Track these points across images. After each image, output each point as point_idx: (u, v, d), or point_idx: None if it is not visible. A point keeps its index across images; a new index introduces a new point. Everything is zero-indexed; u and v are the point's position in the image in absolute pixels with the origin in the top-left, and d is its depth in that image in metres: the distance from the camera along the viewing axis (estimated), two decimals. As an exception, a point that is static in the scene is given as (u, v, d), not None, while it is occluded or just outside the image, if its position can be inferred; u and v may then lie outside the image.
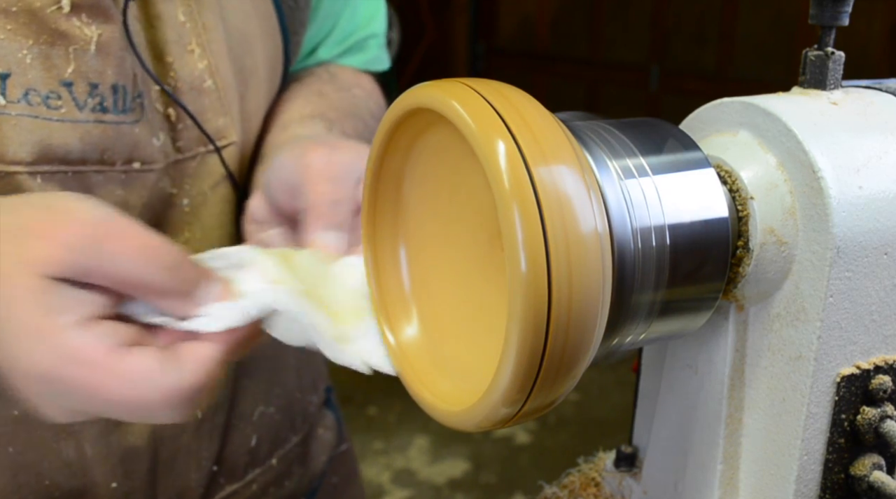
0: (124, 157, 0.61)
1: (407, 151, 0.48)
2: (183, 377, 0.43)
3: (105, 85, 0.59)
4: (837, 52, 0.50)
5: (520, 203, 0.37)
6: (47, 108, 0.57)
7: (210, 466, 0.74)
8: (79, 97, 0.58)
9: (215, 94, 0.67)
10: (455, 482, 2.69)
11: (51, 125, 0.57)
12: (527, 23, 4.30)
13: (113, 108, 0.60)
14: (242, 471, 0.77)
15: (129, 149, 0.61)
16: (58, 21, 0.56)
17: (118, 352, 0.42)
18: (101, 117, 0.59)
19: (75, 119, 0.58)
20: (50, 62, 0.57)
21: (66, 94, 0.58)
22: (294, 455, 0.83)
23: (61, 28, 0.57)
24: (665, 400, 0.56)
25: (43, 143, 0.57)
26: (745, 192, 0.47)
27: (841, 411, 0.48)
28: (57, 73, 0.57)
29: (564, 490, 0.65)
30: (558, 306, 0.37)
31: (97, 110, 0.59)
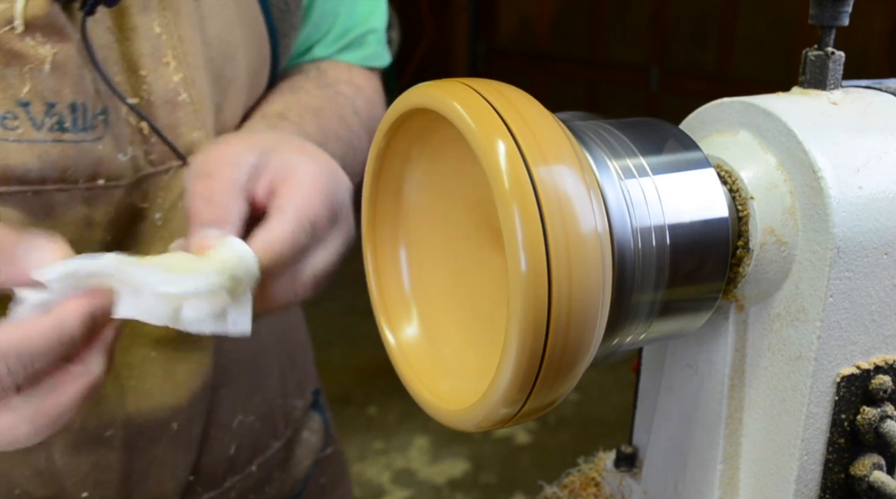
0: (87, 174, 0.60)
1: (407, 151, 0.48)
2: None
3: (63, 104, 0.58)
4: (837, 52, 0.50)
5: (520, 203, 0.37)
6: (3, 129, 0.57)
7: (186, 475, 0.73)
8: (35, 117, 0.58)
9: (190, 108, 0.66)
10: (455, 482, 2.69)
11: (8, 146, 0.57)
12: (527, 23, 4.30)
13: (72, 127, 0.59)
14: (220, 479, 0.76)
15: (91, 166, 0.60)
16: (11, 41, 0.56)
17: None
18: (60, 136, 0.59)
19: (32, 139, 0.58)
20: (5, 82, 0.56)
21: (23, 114, 0.57)
22: (276, 461, 0.82)
23: (15, 48, 0.56)
24: (665, 400, 0.56)
25: (0, 163, 0.57)
26: (745, 192, 0.47)
27: (841, 411, 0.48)
28: (13, 93, 0.57)
29: (564, 490, 0.65)
30: (558, 306, 0.37)
31: (55, 129, 0.58)
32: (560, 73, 4.22)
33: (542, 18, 4.23)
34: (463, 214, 0.48)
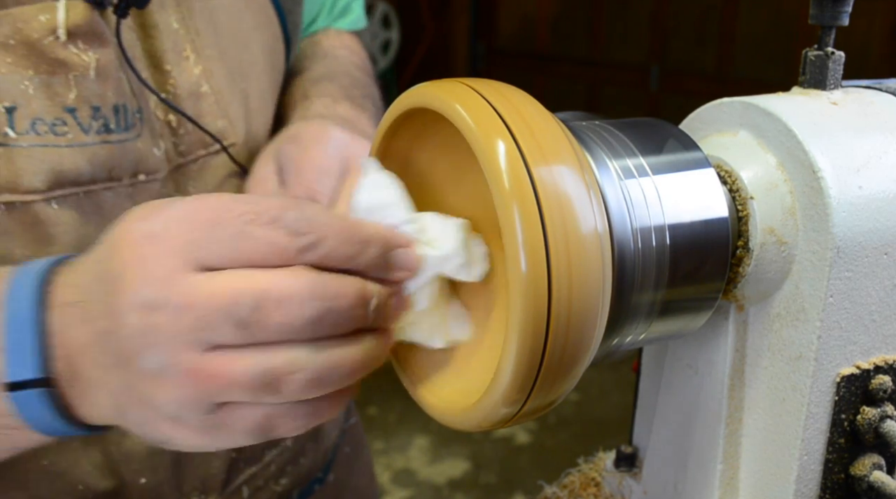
0: (130, 171, 0.63)
1: (407, 150, 0.48)
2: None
3: (107, 107, 0.60)
4: (837, 52, 0.50)
5: (520, 203, 0.37)
6: (55, 136, 0.58)
7: (229, 453, 0.75)
8: (83, 121, 0.59)
9: (212, 98, 0.69)
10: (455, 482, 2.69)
11: (60, 152, 0.59)
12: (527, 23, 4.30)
13: (116, 128, 0.61)
14: (260, 454, 0.79)
15: (133, 163, 0.63)
16: (56, 50, 0.57)
17: None
18: (107, 138, 0.61)
19: (83, 143, 0.60)
20: (52, 90, 0.58)
21: (71, 120, 0.59)
22: (308, 433, 0.85)
23: (60, 57, 0.58)
24: (665, 400, 0.56)
25: (55, 170, 0.58)
26: (745, 192, 0.47)
27: (841, 411, 0.48)
28: (60, 100, 0.58)
29: (564, 490, 0.65)
30: (558, 306, 0.37)
31: (102, 132, 0.60)
32: (560, 73, 4.22)
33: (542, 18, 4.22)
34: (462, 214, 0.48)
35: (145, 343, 0.39)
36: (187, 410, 0.40)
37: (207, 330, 0.38)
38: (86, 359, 0.42)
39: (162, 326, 0.38)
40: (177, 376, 0.39)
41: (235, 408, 0.40)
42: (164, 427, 0.41)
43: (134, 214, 0.42)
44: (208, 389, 0.39)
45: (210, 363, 0.39)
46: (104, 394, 0.43)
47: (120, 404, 0.42)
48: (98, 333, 0.41)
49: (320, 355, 0.39)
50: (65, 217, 0.60)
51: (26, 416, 0.44)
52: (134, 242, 0.40)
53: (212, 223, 0.39)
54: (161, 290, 0.39)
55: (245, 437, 0.41)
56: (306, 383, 0.39)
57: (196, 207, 0.40)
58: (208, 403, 0.40)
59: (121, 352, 0.40)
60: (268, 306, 0.38)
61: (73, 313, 0.43)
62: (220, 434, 0.41)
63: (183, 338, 0.38)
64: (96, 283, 0.42)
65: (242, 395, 0.39)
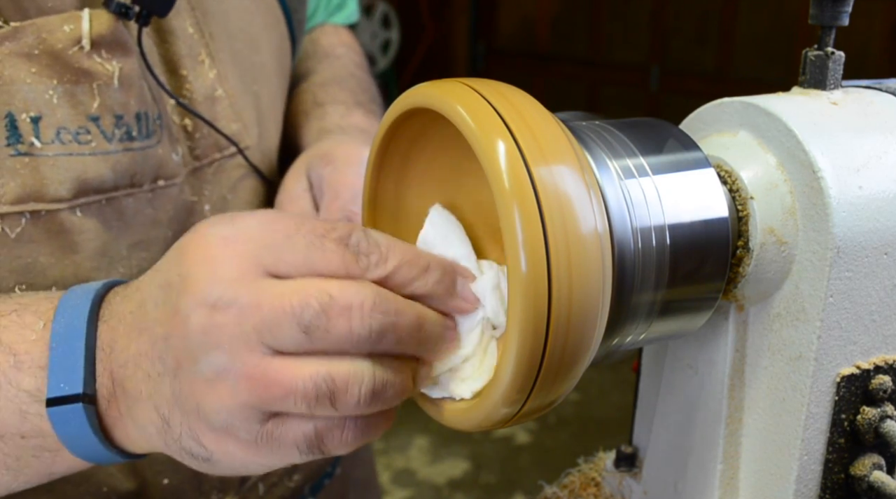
0: (151, 177, 0.63)
1: (407, 150, 0.48)
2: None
3: (129, 115, 0.61)
4: (837, 52, 0.50)
5: (520, 203, 0.37)
6: (79, 144, 0.59)
7: None
8: (106, 130, 0.60)
9: (226, 102, 0.70)
10: (455, 482, 2.69)
11: (84, 160, 0.59)
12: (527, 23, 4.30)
13: (139, 135, 0.62)
14: None
15: (154, 169, 0.63)
16: (80, 60, 0.58)
17: None
18: (129, 145, 0.61)
19: (106, 151, 0.60)
20: (76, 99, 0.58)
21: (95, 129, 0.59)
22: None
23: (84, 66, 0.58)
24: (665, 400, 0.56)
25: (80, 178, 0.59)
26: (745, 192, 0.47)
27: (841, 411, 0.48)
28: (83, 109, 0.59)
29: (564, 490, 0.65)
30: (558, 306, 0.37)
31: (125, 140, 0.61)
32: (560, 73, 4.22)
33: (542, 18, 4.23)
34: (462, 214, 0.48)
35: (207, 343, 0.39)
36: (239, 418, 0.40)
37: (273, 331, 0.38)
38: (135, 371, 0.43)
39: (227, 325, 0.39)
40: (235, 380, 0.39)
41: (286, 420, 0.40)
42: (208, 440, 0.41)
43: (207, 222, 0.42)
44: (265, 395, 0.39)
45: (271, 367, 0.39)
46: (147, 409, 0.43)
47: (164, 418, 0.42)
48: (154, 339, 0.41)
49: (378, 370, 0.40)
50: (88, 225, 0.60)
51: (63, 434, 0.44)
52: (206, 245, 0.41)
53: (285, 233, 0.40)
54: (229, 289, 0.39)
55: (292, 452, 0.41)
56: (364, 396, 0.39)
57: (270, 219, 0.41)
58: (262, 411, 0.39)
59: (177, 356, 0.40)
60: (334, 313, 0.38)
61: (128, 323, 0.43)
62: (268, 448, 0.41)
63: (246, 339, 0.38)
64: (158, 289, 0.42)
65: (298, 404, 0.39)
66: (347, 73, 0.90)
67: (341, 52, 0.94)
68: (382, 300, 0.40)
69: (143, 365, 0.42)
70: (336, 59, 0.92)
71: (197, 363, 0.39)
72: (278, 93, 0.79)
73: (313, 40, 0.95)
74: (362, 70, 0.94)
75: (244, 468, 0.43)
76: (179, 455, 0.43)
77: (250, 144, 0.72)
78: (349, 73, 0.91)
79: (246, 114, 0.72)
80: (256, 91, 0.74)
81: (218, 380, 0.39)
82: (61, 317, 0.45)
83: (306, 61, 0.92)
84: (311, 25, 0.95)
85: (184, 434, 0.42)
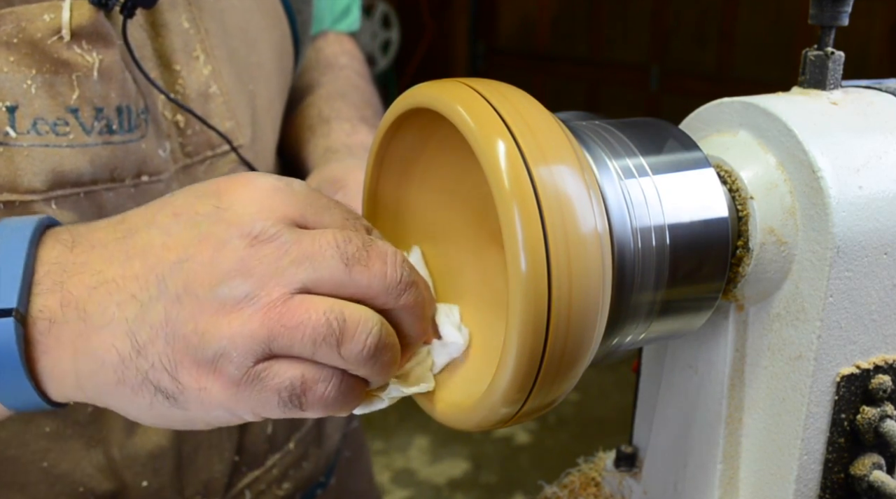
0: (133, 172, 0.62)
1: (407, 150, 0.48)
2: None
3: (110, 107, 0.60)
4: (837, 52, 0.50)
5: (520, 203, 0.37)
6: (56, 136, 0.58)
7: (232, 456, 0.75)
8: (85, 122, 0.59)
9: (221, 99, 0.69)
10: (455, 482, 2.69)
11: (61, 152, 0.58)
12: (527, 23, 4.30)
13: (119, 129, 0.61)
14: (263, 457, 0.79)
15: (137, 164, 0.63)
16: (59, 50, 0.57)
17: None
18: (109, 139, 0.60)
19: (84, 143, 0.59)
20: (54, 90, 0.58)
21: (73, 121, 0.59)
22: (310, 437, 0.85)
23: (63, 57, 0.57)
24: (665, 400, 0.56)
25: (55, 170, 0.58)
26: (744, 191, 0.47)
27: (841, 411, 0.48)
28: (62, 100, 0.58)
29: (564, 490, 0.65)
30: (558, 306, 0.37)
31: (104, 132, 0.60)
32: (560, 73, 4.22)
33: (542, 18, 4.23)
34: (463, 214, 0.48)
35: (237, 270, 0.39)
36: (239, 349, 0.39)
37: (314, 261, 0.40)
38: (109, 294, 0.41)
39: (265, 257, 0.39)
40: (253, 308, 0.39)
41: (278, 362, 0.40)
42: (187, 373, 0.40)
43: (250, 173, 0.43)
44: (277, 326, 0.39)
45: (291, 302, 0.39)
46: (114, 334, 0.41)
47: (137, 344, 0.40)
48: (155, 263, 0.41)
49: (385, 328, 0.41)
50: (64, 218, 0.59)
51: None
52: (254, 187, 0.42)
53: (326, 203, 0.43)
54: (274, 225, 0.40)
55: (271, 399, 0.40)
56: (368, 346, 0.40)
57: (312, 188, 0.44)
58: (264, 346, 0.39)
59: (189, 280, 0.40)
60: (373, 252, 0.41)
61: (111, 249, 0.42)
62: (248, 390, 0.40)
63: (280, 273, 0.39)
64: (171, 218, 0.42)
65: (305, 340, 0.39)
66: (351, 86, 0.90)
67: (344, 62, 0.94)
68: (411, 266, 0.43)
69: (129, 288, 0.41)
70: (340, 70, 0.92)
71: (214, 288, 0.39)
72: (276, 93, 0.79)
73: (317, 49, 0.94)
74: (365, 80, 0.94)
75: (207, 415, 0.42)
76: (137, 391, 0.41)
77: (243, 143, 0.71)
78: (353, 85, 0.91)
79: (240, 112, 0.71)
80: (252, 90, 0.74)
81: (233, 307, 0.39)
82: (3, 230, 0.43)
83: (310, 72, 0.92)
84: (316, 31, 0.95)
85: (158, 364, 0.41)
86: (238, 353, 0.39)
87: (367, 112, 0.87)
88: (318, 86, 0.90)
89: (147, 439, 0.68)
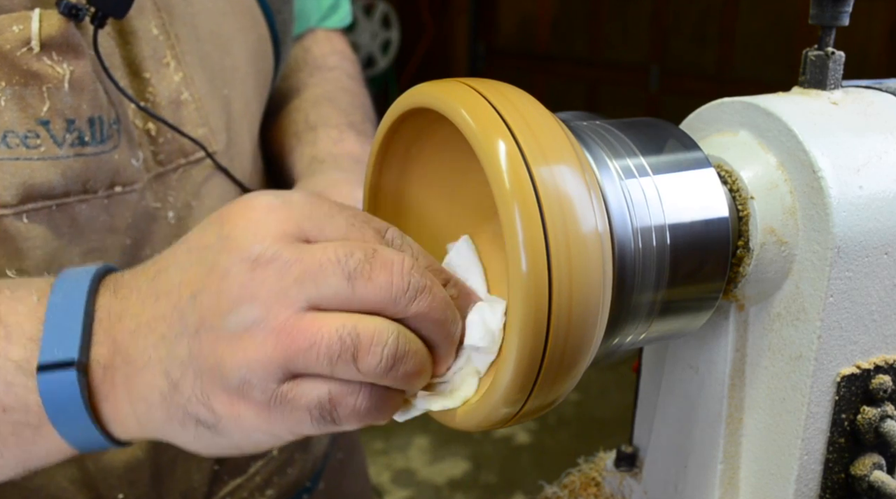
0: (106, 183, 0.61)
1: (407, 150, 0.48)
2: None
3: (81, 119, 0.59)
4: (837, 52, 0.50)
5: (520, 203, 0.37)
6: (27, 149, 0.57)
7: (211, 465, 0.74)
8: (56, 134, 0.58)
9: (193, 106, 0.68)
10: (455, 482, 2.69)
11: (32, 165, 0.57)
12: (527, 23, 4.30)
13: (92, 141, 0.60)
14: (245, 465, 0.77)
15: (110, 175, 0.61)
16: (29, 62, 0.56)
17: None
18: (81, 151, 0.59)
19: (55, 156, 0.58)
20: (25, 102, 0.57)
21: (44, 133, 0.58)
22: (295, 443, 0.83)
23: (33, 68, 0.56)
24: (665, 400, 0.56)
25: (26, 184, 0.57)
26: (745, 191, 0.47)
27: (841, 411, 0.48)
28: (33, 112, 0.57)
29: (564, 490, 0.65)
30: (558, 306, 0.37)
31: (76, 145, 0.59)
32: (560, 73, 4.22)
33: (542, 18, 4.22)
34: (464, 214, 0.48)
35: (242, 297, 0.39)
36: (259, 374, 0.39)
37: (316, 279, 0.39)
38: (146, 336, 0.42)
39: (267, 279, 0.39)
40: (265, 334, 0.39)
41: (303, 381, 0.40)
42: (219, 402, 0.41)
43: (250, 194, 0.43)
44: (291, 347, 0.39)
45: (301, 321, 0.39)
46: (154, 374, 0.42)
47: (173, 381, 0.41)
48: (177, 301, 0.41)
49: (401, 337, 0.40)
50: (36, 231, 0.59)
51: (50, 404, 0.43)
52: (251, 209, 0.41)
53: (328, 211, 0.42)
54: (271, 246, 0.40)
55: (304, 417, 0.41)
56: (385, 358, 0.40)
57: (314, 197, 0.43)
58: (283, 368, 0.39)
59: (202, 314, 0.40)
60: (377, 263, 0.40)
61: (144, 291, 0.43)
62: (280, 412, 0.40)
63: (284, 293, 0.39)
64: (186, 254, 0.42)
65: (321, 359, 0.39)
66: (340, 89, 0.88)
67: (334, 62, 0.92)
68: (420, 268, 0.41)
69: (159, 328, 0.42)
70: (329, 72, 0.90)
71: (225, 318, 0.39)
72: (253, 96, 0.77)
73: (305, 49, 0.92)
74: (355, 81, 0.92)
75: (249, 439, 0.42)
76: (183, 424, 0.43)
77: (218, 149, 0.70)
78: (342, 87, 0.89)
79: (214, 118, 0.70)
80: (227, 95, 0.72)
81: (245, 334, 0.39)
82: (59, 290, 0.45)
83: (298, 73, 0.90)
84: (303, 28, 0.92)
85: (193, 398, 0.41)
86: (258, 378, 0.39)
87: (356, 117, 0.85)
88: (305, 88, 0.88)
89: (122, 451, 0.67)
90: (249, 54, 0.76)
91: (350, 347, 0.39)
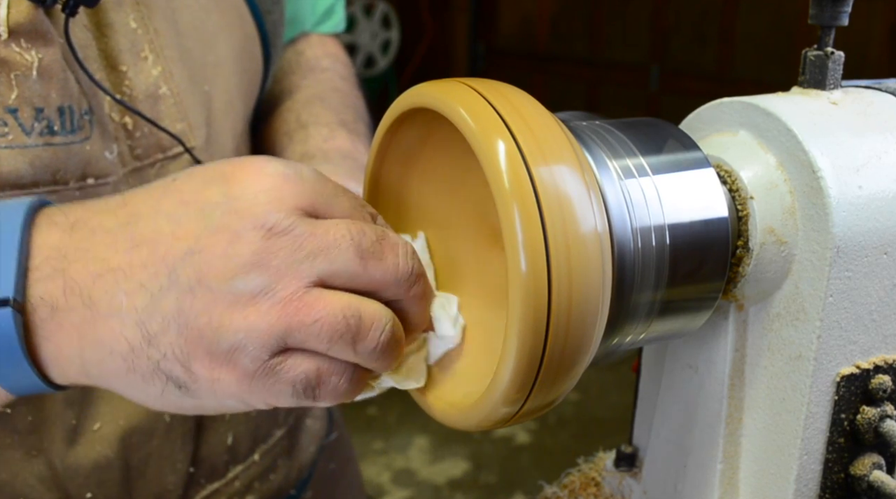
0: (77, 175, 0.61)
1: (407, 150, 0.48)
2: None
3: (50, 108, 0.58)
4: (837, 52, 0.50)
5: (520, 203, 0.37)
6: None
7: (186, 468, 0.73)
8: (25, 123, 0.57)
9: (171, 100, 0.67)
10: (455, 482, 2.69)
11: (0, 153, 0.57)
12: (527, 23, 4.30)
13: (61, 130, 0.59)
14: (223, 469, 0.76)
15: (81, 166, 0.61)
16: None
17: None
18: (50, 140, 0.58)
19: (24, 144, 0.57)
20: None
21: (12, 121, 0.57)
22: (279, 449, 0.83)
23: (1, 55, 0.56)
24: (665, 400, 0.56)
25: None
26: (744, 191, 0.47)
27: (841, 411, 0.48)
28: (1, 100, 0.56)
29: (564, 490, 0.65)
30: (558, 306, 0.37)
31: (45, 134, 0.58)
32: (560, 73, 4.22)
33: (542, 18, 4.22)
34: (463, 214, 0.48)
35: (253, 263, 0.39)
36: (255, 343, 0.39)
37: (329, 254, 0.40)
38: (116, 283, 0.40)
39: (281, 249, 0.39)
40: (270, 302, 0.39)
41: (294, 355, 0.40)
42: (200, 364, 0.40)
43: (258, 157, 0.43)
44: (294, 320, 0.39)
45: (308, 295, 0.39)
46: (122, 324, 0.40)
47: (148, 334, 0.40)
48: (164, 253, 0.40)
49: (396, 323, 0.42)
50: None
51: None
52: (265, 175, 0.41)
53: (334, 190, 0.43)
54: (288, 217, 0.40)
55: (285, 391, 0.41)
56: (382, 342, 0.41)
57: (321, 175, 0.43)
58: (280, 340, 0.39)
59: (202, 271, 0.39)
60: (387, 245, 0.41)
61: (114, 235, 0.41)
62: (263, 383, 0.40)
63: (297, 266, 0.39)
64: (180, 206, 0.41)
65: (321, 336, 0.39)
66: (332, 89, 0.88)
67: (327, 64, 0.92)
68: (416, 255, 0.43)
69: (137, 276, 0.40)
70: (321, 73, 0.90)
71: (230, 281, 0.39)
72: (237, 94, 0.76)
73: (298, 52, 0.92)
74: (348, 83, 0.91)
75: (219, 404, 0.42)
76: (148, 379, 0.41)
77: (196, 145, 0.69)
78: (334, 88, 0.88)
79: (193, 113, 0.69)
80: (208, 91, 0.71)
81: (250, 301, 0.39)
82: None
83: (290, 76, 0.90)
84: (296, 33, 0.92)
85: (169, 354, 0.40)
86: (254, 346, 0.39)
87: (348, 116, 0.85)
88: (297, 90, 0.87)
89: (91, 449, 0.66)
90: (235, 51, 0.75)
91: (353, 328, 0.40)
